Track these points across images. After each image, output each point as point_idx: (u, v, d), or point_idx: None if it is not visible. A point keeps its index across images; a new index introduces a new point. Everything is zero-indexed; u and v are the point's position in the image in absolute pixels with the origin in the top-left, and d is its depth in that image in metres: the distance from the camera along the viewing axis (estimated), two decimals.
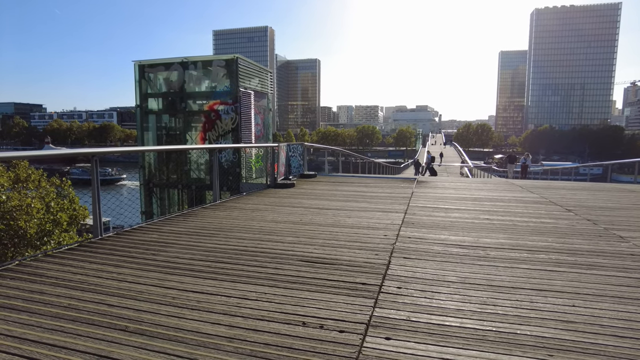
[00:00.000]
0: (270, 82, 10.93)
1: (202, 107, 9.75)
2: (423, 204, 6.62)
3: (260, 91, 10.54)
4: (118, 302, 2.65)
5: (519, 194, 8.00)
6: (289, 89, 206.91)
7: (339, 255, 3.64)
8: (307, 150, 11.39)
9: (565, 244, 4.11)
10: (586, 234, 4.56)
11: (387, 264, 3.41)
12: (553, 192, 8.53)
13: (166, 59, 9.87)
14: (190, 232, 4.62)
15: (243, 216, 5.52)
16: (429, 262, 3.47)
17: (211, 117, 9.51)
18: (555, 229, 4.79)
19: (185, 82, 9.80)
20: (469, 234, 4.53)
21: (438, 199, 7.15)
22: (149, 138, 10.28)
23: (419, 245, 4.03)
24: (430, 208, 6.20)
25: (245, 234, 4.50)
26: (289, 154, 9.77)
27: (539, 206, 6.51)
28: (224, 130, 9.41)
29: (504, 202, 6.95)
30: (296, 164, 10.27)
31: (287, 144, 9.71)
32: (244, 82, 9.66)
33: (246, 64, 9.64)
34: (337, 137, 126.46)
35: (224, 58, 9.34)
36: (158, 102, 10.24)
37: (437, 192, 8.09)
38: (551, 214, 5.84)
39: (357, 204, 6.52)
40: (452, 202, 6.78)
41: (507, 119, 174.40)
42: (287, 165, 9.78)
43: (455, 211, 5.94)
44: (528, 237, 4.38)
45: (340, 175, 11.53)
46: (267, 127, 10.84)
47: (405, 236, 4.38)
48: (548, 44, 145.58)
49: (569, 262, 3.50)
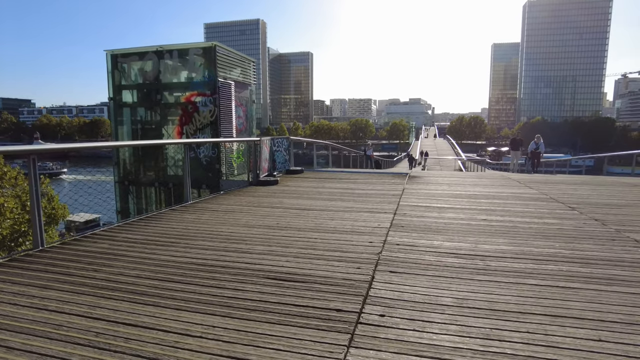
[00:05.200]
0: (253, 72, 10.30)
1: (178, 99, 9.11)
2: (414, 202, 6.09)
3: (243, 82, 9.91)
4: (22, 342, 2.07)
5: (517, 190, 7.49)
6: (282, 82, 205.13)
7: (314, 270, 3.09)
8: (297, 144, 10.81)
9: (575, 251, 3.59)
10: (597, 238, 4.04)
11: (370, 280, 2.86)
12: (552, 187, 8.04)
13: (140, 47, 9.20)
14: (147, 240, 4.04)
15: (213, 219, 4.94)
16: (420, 278, 2.93)
17: (188, 110, 8.88)
18: (561, 232, 4.27)
19: (160, 73, 9.14)
20: (465, 238, 3.99)
21: (431, 197, 6.62)
22: (124, 133, 9.63)
23: (409, 254, 3.49)
24: (422, 207, 5.66)
25: (210, 242, 3.93)
26: (272, 148, 9.18)
27: (539, 204, 6.00)
28: (202, 124, 8.78)
29: (501, 199, 6.44)
30: (281, 159, 9.68)
31: (271, 138, 9.11)
32: (224, 71, 9.02)
33: (226, 53, 9.00)
34: (331, 131, 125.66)
35: (201, 46, 8.69)
36: (133, 94, 9.58)
37: (429, 189, 7.56)
38: (554, 212, 5.32)
39: (343, 203, 5.97)
40: (445, 200, 6.25)
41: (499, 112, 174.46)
42: (272, 161, 9.19)
43: (449, 210, 5.41)
44: (532, 243, 3.85)
45: (328, 171, 10.96)
46: (251, 120, 10.22)
47: (394, 242, 3.84)
48: (540, 36, 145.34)
49: (583, 275, 2.97)
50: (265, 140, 8.57)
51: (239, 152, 9.39)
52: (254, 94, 10.26)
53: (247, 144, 8.49)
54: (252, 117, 10.35)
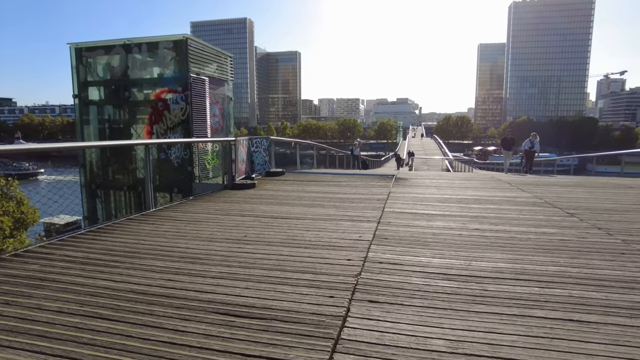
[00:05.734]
0: (231, 68, 9.68)
1: (148, 97, 8.45)
2: (401, 208, 5.58)
3: (219, 78, 9.29)
4: None
5: (509, 193, 7.05)
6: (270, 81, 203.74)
7: (277, 300, 2.54)
8: (285, 144, 10.24)
9: (583, 269, 3.11)
10: (604, 251, 3.57)
11: (345, 315, 2.33)
12: (545, 189, 7.62)
13: (107, 40, 8.52)
14: (87, 259, 3.43)
15: (172, 231, 4.35)
16: (405, 309, 2.40)
17: (158, 108, 8.24)
18: (563, 244, 3.80)
19: (129, 68, 8.47)
20: (456, 253, 3.49)
21: (418, 202, 6.12)
22: (90, 133, 8.93)
23: (392, 276, 2.96)
24: (409, 214, 5.14)
25: (160, 261, 3.35)
26: (250, 149, 8.60)
27: (535, 209, 5.54)
28: (172, 123, 8.15)
29: (493, 204, 5.97)
30: (261, 160, 9.11)
31: (249, 137, 8.53)
32: (198, 66, 8.40)
33: (199, 47, 8.37)
34: (319, 131, 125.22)
35: (172, 39, 8.05)
36: (100, 91, 8.88)
37: (417, 193, 7.06)
38: (552, 220, 4.87)
39: (323, 210, 5.43)
40: (434, 206, 5.76)
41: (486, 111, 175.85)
42: (250, 162, 8.62)
43: (438, 218, 4.91)
44: (533, 258, 3.36)
45: (311, 173, 10.42)
46: (228, 119, 9.61)
47: (376, 260, 3.31)
48: (525, 37, 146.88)
49: (599, 304, 2.48)
50: (241, 140, 7.98)
51: (214, 153, 8.78)
52: (231, 90, 9.65)
53: (222, 144, 7.89)
54: (230, 116, 9.74)
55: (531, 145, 14.75)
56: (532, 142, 14.77)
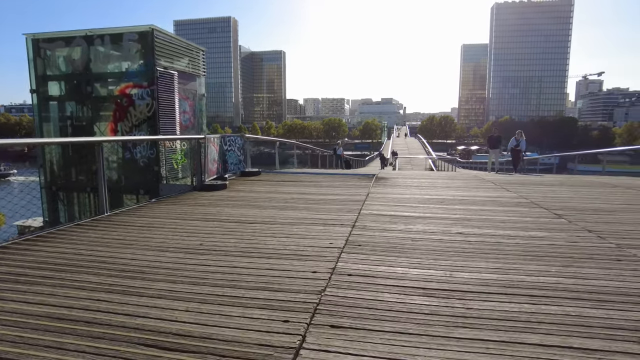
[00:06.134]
0: (203, 62, 9.17)
1: (112, 92, 7.88)
2: (379, 209, 5.18)
3: (190, 73, 8.77)
4: None
5: (493, 193, 6.73)
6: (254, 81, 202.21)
7: (220, 327, 2.10)
8: (271, 143, 9.77)
9: (578, 279, 2.75)
10: (598, 258, 3.23)
11: (298, 347, 1.90)
12: (530, 189, 7.34)
13: (66, 31, 7.92)
14: (8, 275, 2.93)
15: (120, 239, 3.86)
16: (373, 337, 1.99)
17: (123, 104, 7.69)
18: (553, 250, 3.45)
19: (91, 61, 7.89)
20: (437, 262, 3.10)
21: (398, 203, 5.74)
22: (50, 130, 8.32)
23: (362, 291, 2.55)
24: (387, 217, 4.75)
25: (95, 276, 2.87)
26: (223, 148, 8.11)
27: (521, 210, 5.22)
28: (138, 119, 7.61)
29: (477, 204, 5.63)
30: (234, 159, 8.63)
31: (221, 135, 8.04)
32: (166, 60, 7.88)
33: (167, 39, 7.85)
34: (304, 130, 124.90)
35: (137, 30, 7.50)
36: (60, 86, 8.27)
37: (397, 193, 6.69)
38: (539, 222, 4.53)
39: (295, 213, 5.00)
40: (414, 207, 5.38)
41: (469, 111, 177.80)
42: (222, 162, 8.13)
43: (418, 221, 4.53)
44: (522, 268, 2.99)
45: (290, 172, 9.98)
46: (200, 116, 9.11)
47: (345, 272, 2.89)
48: (508, 38, 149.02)
49: (601, 325, 2.11)
50: (212, 138, 7.50)
51: (183, 151, 8.27)
52: (203, 86, 9.14)
53: (190, 142, 7.39)
54: (202, 113, 9.22)
55: (517, 143, 14.20)
56: (518, 140, 14.21)
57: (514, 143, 14.27)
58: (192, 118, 8.75)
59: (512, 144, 14.34)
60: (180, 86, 8.28)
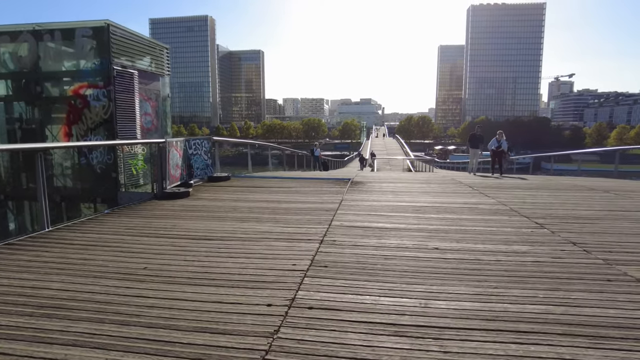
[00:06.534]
0: (167, 61, 8.62)
1: (65, 92, 7.25)
2: (351, 220, 4.81)
3: (153, 72, 8.22)
4: None
5: (471, 199, 6.46)
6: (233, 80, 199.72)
7: None
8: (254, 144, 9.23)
9: (568, 308, 2.42)
10: (587, 278, 2.92)
11: None
12: (508, 193, 7.12)
13: (12, 25, 7.26)
14: None
15: (52, 263, 3.35)
16: None
17: (77, 105, 7.08)
18: (539, 268, 3.13)
19: (40, 58, 7.25)
20: (411, 288, 2.73)
21: (372, 211, 5.38)
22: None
23: (323, 331, 2.15)
24: (359, 229, 4.38)
25: (0, 315, 2.38)
26: (188, 152, 7.60)
27: (501, 219, 4.93)
28: (94, 122, 7.02)
29: (454, 213, 5.32)
30: (201, 164, 8.11)
31: (185, 138, 7.52)
32: (125, 58, 7.32)
33: (126, 35, 7.28)
34: (283, 130, 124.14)
35: (90, 25, 6.91)
36: (7, 85, 7.59)
37: (372, 200, 6.34)
38: (521, 233, 4.24)
39: (259, 225, 4.57)
40: (389, 217, 5.03)
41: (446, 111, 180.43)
42: (188, 167, 7.61)
43: (392, 234, 4.17)
44: (505, 293, 2.65)
45: (261, 177, 9.53)
46: (164, 117, 8.55)
47: (306, 304, 2.49)
48: (483, 39, 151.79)
49: None
50: (174, 141, 6.98)
51: (144, 157, 7.70)
52: (168, 85, 8.59)
53: (150, 146, 6.86)
54: (167, 114, 8.67)
55: (498, 144, 13.38)
56: (499, 141, 13.39)
57: (495, 144, 13.46)
58: (155, 120, 8.19)
59: (493, 145, 13.50)
60: (141, 86, 7.73)
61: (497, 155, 13.45)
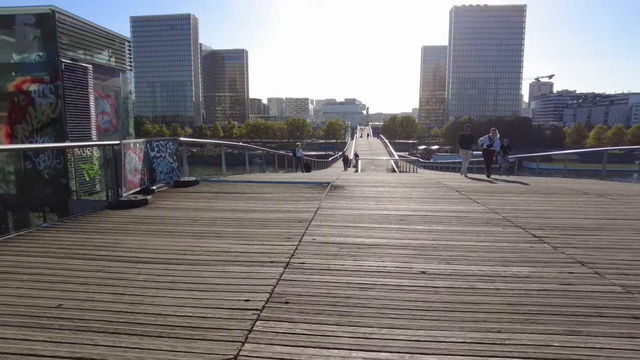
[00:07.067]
0: (129, 54, 7.85)
1: (5, 88, 6.43)
2: (325, 234, 4.19)
3: (112, 67, 7.45)
4: None
5: (459, 206, 5.93)
6: (216, 79, 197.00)
7: None
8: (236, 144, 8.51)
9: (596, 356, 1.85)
10: (608, 314, 2.36)
11: None
12: (499, 199, 6.62)
13: None
14: None
15: None
16: None
17: (20, 102, 6.28)
18: (547, 299, 2.57)
19: None
20: (390, 337, 2.12)
21: (350, 222, 4.78)
22: None
23: None
24: (334, 246, 3.76)
25: None
26: (150, 154, 6.87)
27: (494, 231, 4.38)
28: (40, 122, 6.23)
29: (442, 223, 4.76)
30: (166, 167, 7.39)
31: (146, 140, 6.80)
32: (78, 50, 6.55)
33: (77, 25, 6.51)
34: (268, 130, 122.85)
35: (33, 12, 6.11)
36: None
37: (351, 207, 5.74)
38: (518, 248, 3.69)
39: (218, 242, 3.91)
40: (369, 229, 4.43)
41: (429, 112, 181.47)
42: (149, 171, 6.89)
43: (371, 252, 3.56)
44: (511, 340, 2.06)
45: (233, 181, 8.83)
46: (126, 117, 7.79)
47: None
48: (466, 40, 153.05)
49: None
50: (132, 143, 6.25)
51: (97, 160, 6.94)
52: (132, 82, 7.84)
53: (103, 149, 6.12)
54: (129, 113, 7.91)
55: (490, 142, 12.16)
56: (492, 139, 12.17)
57: (487, 142, 12.22)
58: (114, 120, 7.42)
59: (485, 143, 12.26)
60: (97, 82, 6.97)
61: (490, 154, 12.42)
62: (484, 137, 12.37)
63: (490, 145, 12.21)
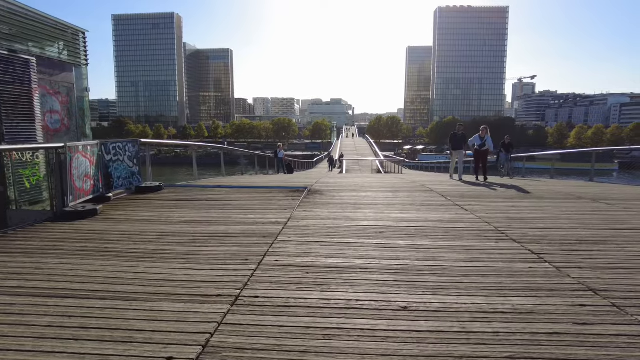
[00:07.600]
0: (84, 48, 7.11)
1: None
2: (292, 254, 3.58)
3: (63, 61, 6.70)
4: None
5: (446, 214, 5.37)
6: (201, 79, 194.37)
7: None
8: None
9: None
10: None
11: None
12: (488, 205, 6.10)
13: None
14: None
15: None
16: None
17: None
18: (561, 349, 1.99)
19: None
20: None
21: (323, 236, 4.17)
22: None
23: None
24: (299, 271, 3.15)
25: None
26: (105, 158, 6.15)
27: (486, 246, 3.83)
28: None
29: (427, 237, 4.19)
30: (124, 172, 6.68)
31: (100, 142, 6.08)
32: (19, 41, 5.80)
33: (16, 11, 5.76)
34: (253, 130, 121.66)
35: None
36: None
37: (327, 217, 5.14)
38: (517, 271, 3.13)
39: (159, 266, 3.26)
40: (343, 245, 3.83)
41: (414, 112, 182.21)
42: (105, 176, 6.17)
43: (343, 279, 2.96)
44: None
45: (202, 186, 8.14)
46: (80, 116, 7.04)
47: None
48: (450, 41, 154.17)
49: None
50: (80, 146, 5.53)
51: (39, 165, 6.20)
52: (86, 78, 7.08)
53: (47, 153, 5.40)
54: (85, 113, 7.16)
55: (481, 142, 11.41)
56: (482, 138, 11.43)
57: (478, 142, 11.46)
58: (65, 119, 6.67)
59: (476, 142, 11.50)
60: (44, 77, 6.22)
61: (482, 155, 11.59)
62: (474, 137, 11.65)
63: (482, 145, 11.47)
